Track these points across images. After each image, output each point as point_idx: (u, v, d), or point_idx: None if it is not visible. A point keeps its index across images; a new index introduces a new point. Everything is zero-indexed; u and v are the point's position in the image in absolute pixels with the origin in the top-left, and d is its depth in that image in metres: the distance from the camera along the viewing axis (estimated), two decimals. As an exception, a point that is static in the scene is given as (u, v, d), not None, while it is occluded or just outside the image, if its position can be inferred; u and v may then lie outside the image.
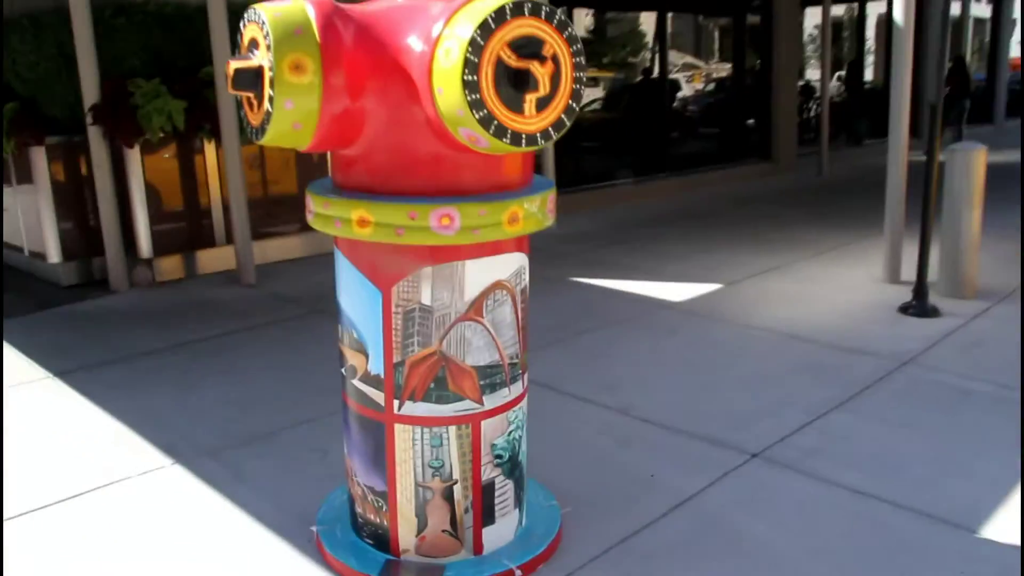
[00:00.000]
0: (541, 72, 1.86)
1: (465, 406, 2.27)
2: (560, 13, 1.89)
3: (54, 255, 5.71)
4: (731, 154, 11.13)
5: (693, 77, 11.44)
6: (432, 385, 2.23)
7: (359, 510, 2.46)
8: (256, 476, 3.01)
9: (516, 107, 1.88)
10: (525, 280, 2.36)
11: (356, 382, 2.33)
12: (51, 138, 5.56)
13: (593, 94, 9.61)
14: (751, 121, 11.52)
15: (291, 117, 1.96)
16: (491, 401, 2.30)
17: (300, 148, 2.09)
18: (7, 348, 4.47)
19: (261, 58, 1.97)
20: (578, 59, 1.93)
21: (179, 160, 5.92)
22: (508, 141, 1.89)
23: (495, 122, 1.87)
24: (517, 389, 2.38)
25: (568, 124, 1.96)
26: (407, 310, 2.19)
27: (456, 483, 2.32)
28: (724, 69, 11.68)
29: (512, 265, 2.27)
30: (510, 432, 2.38)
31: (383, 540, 2.40)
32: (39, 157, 5.55)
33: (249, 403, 3.67)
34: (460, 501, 2.34)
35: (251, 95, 2.05)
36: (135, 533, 2.66)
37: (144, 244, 5.81)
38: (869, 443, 3.16)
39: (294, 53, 1.91)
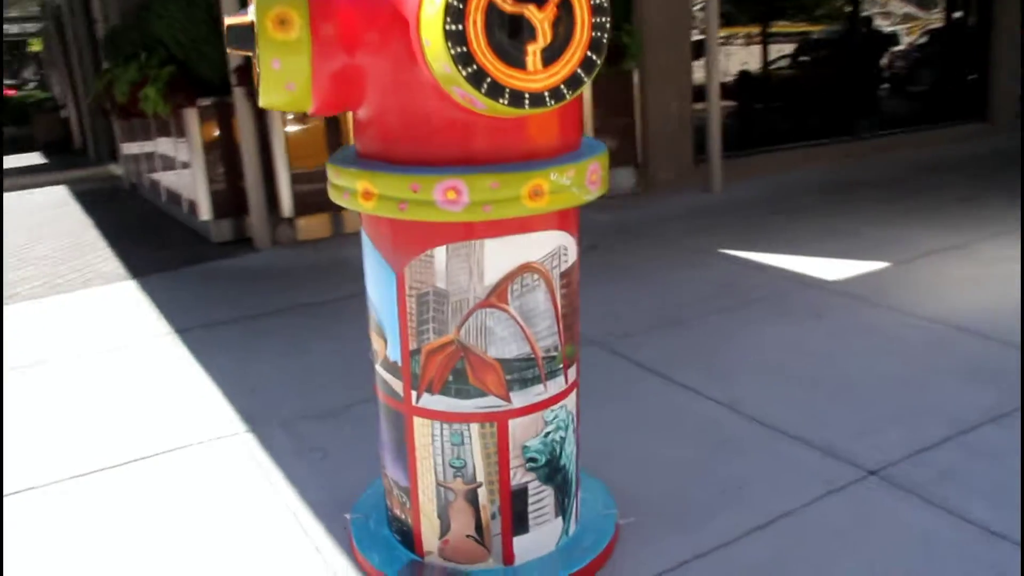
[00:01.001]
0: (539, 17, 1.54)
1: (489, 402, 2.01)
2: (571, -57, 1.56)
3: (205, 212, 5.98)
4: (938, 114, 9.90)
5: (911, 29, 10.23)
6: (450, 377, 2.00)
7: (388, 503, 2.29)
8: (322, 452, 2.92)
9: (515, 61, 1.57)
10: (569, 261, 2.04)
11: (378, 368, 2.14)
12: (203, 99, 5.78)
13: (782, 49, 8.83)
14: (967, 77, 10.17)
15: (282, 78, 1.76)
16: (521, 399, 2.03)
17: (305, 111, 1.89)
18: (144, 300, 4.71)
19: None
20: (598, 1, 1.59)
21: (322, 120, 5.98)
22: (506, 102, 1.60)
23: (488, 79, 1.57)
24: (557, 385, 2.09)
25: (587, 80, 1.63)
26: (421, 293, 1.96)
27: (480, 486, 2.08)
28: (941, 19, 10.36)
29: (546, 245, 1.97)
30: (547, 433, 2.10)
31: (408, 538, 2.22)
32: (192, 118, 5.79)
33: (346, 374, 3.59)
34: (486, 506, 2.10)
35: (251, 54, 1.87)
36: (176, 503, 2.65)
37: (286, 203, 5.94)
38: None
39: (278, 6, 1.70)
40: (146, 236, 6.74)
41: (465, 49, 1.54)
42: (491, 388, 2.00)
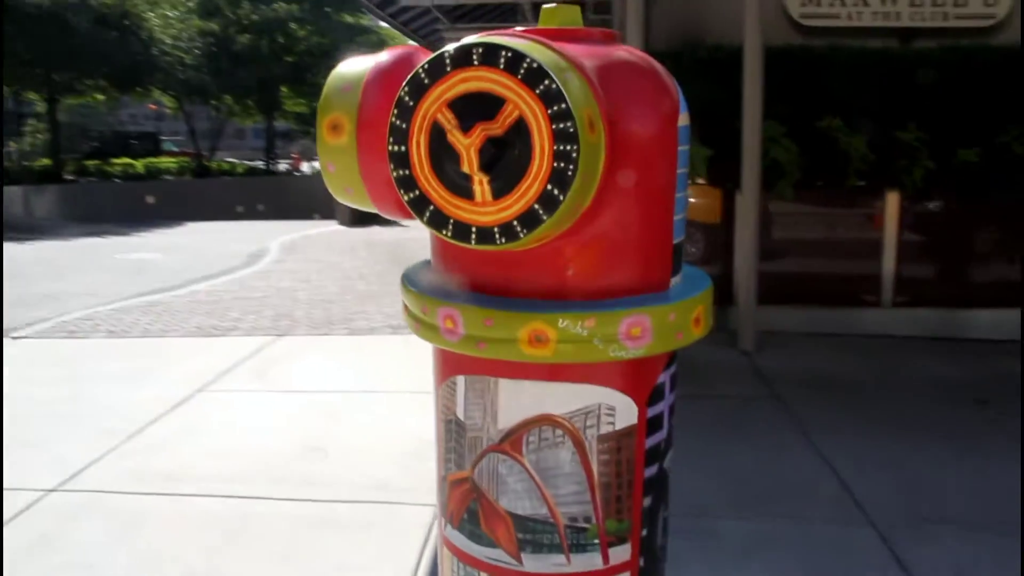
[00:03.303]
0: (464, 143, 1.34)
1: (498, 555, 1.78)
2: (534, 60, 1.32)
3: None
4: None
5: None
6: (466, 516, 1.81)
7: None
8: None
9: (461, 190, 1.39)
10: (617, 425, 1.71)
11: (437, 482, 2.04)
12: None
13: None
14: None
15: (338, 181, 1.80)
16: (534, 563, 1.75)
17: (382, 214, 1.90)
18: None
19: (338, 115, 1.85)
20: (562, 125, 1.33)
21: (703, 209, 5.82)
22: (450, 234, 1.42)
23: (432, 207, 1.42)
24: (588, 562, 1.75)
25: (546, 218, 1.37)
26: (447, 419, 1.82)
27: (491, 646, 1.84)
28: None
29: (577, 400, 1.68)
30: (570, 616, 1.78)
31: (446, 671, 2.05)
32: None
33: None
34: (496, 671, 1.85)
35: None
36: (328, 553, 2.80)
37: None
38: None
39: (334, 112, 1.75)
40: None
41: (407, 172, 1.42)
42: (501, 541, 1.77)
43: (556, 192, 1.36)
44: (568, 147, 1.34)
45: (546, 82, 1.32)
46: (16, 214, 22.11)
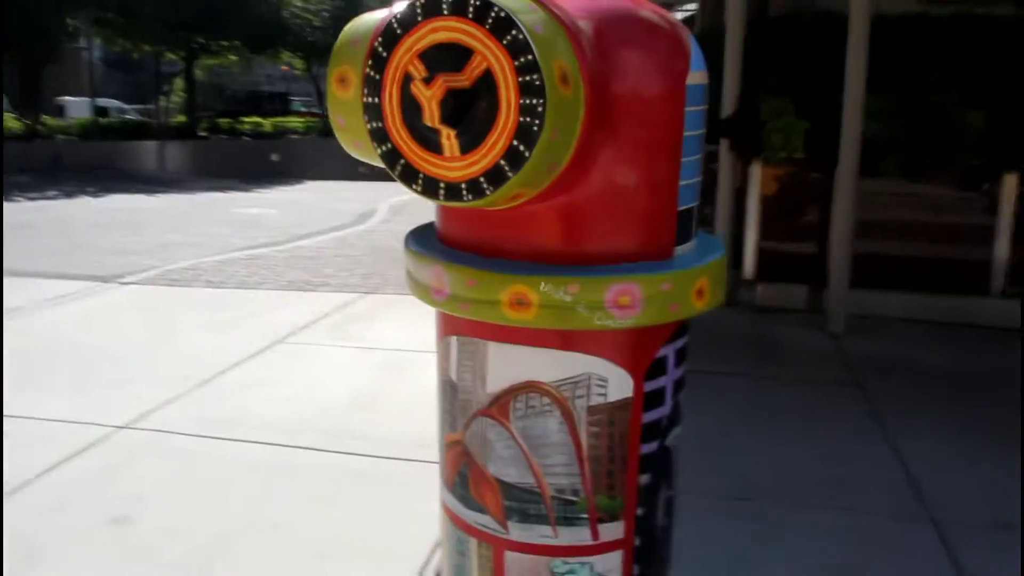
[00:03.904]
0: (426, 95, 1.30)
1: (486, 521, 1.76)
2: (502, 9, 1.26)
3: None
4: None
5: None
6: (457, 479, 1.80)
7: (449, 586, 2.15)
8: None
9: (431, 144, 1.35)
10: (609, 397, 1.65)
11: (441, 444, 2.03)
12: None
13: None
14: None
15: (347, 135, 1.79)
16: (520, 533, 1.72)
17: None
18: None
19: (352, 69, 1.84)
20: (528, 77, 1.26)
21: (799, 184, 5.55)
22: (419, 189, 1.39)
23: (403, 161, 1.39)
24: (576, 535, 1.71)
25: (511, 175, 1.31)
26: (443, 380, 1.80)
27: (479, 610, 1.83)
28: None
29: (564, 368, 1.63)
30: (556, 587, 1.74)
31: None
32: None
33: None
34: (482, 636, 1.84)
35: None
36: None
37: (748, 264, 5.69)
38: None
39: (342, 66, 1.73)
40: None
41: (380, 125, 1.39)
42: (488, 506, 1.75)
43: (522, 148, 1.30)
44: (534, 101, 1.28)
45: (513, 32, 1.26)
46: (150, 168, 23.47)
